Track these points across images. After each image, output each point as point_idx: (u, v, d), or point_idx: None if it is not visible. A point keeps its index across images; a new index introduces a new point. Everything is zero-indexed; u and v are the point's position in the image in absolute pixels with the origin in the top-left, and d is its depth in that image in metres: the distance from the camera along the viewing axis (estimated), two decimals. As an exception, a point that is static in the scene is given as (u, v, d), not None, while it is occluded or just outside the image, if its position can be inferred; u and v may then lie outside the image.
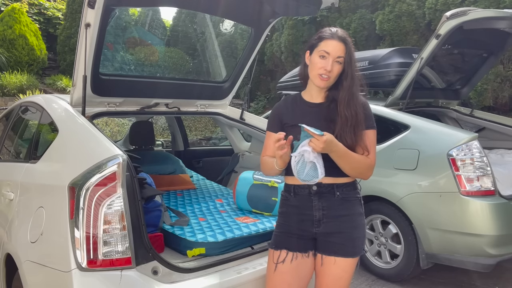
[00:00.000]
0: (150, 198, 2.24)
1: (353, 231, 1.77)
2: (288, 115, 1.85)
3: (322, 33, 1.78)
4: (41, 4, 12.72)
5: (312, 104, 1.84)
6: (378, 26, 7.45)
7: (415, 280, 3.49)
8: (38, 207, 1.97)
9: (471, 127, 4.47)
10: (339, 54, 1.72)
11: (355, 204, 1.81)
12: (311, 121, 1.73)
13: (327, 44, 1.73)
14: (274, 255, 1.81)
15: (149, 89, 2.73)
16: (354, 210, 1.80)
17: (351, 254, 1.76)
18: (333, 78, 1.75)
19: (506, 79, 6.16)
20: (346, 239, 1.75)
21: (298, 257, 1.78)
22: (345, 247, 1.75)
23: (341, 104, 1.74)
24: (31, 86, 9.47)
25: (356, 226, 1.79)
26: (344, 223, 1.76)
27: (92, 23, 2.06)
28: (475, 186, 2.99)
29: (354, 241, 1.77)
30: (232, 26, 3.29)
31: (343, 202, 1.76)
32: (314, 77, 1.76)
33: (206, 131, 10.19)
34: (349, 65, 1.75)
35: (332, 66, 1.72)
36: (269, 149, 1.87)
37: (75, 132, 2.14)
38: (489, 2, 5.75)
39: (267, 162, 1.84)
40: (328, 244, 1.77)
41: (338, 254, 1.75)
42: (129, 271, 1.70)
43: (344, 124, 1.72)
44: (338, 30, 1.77)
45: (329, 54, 1.72)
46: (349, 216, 1.78)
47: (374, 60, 4.28)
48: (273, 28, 8.27)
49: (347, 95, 1.74)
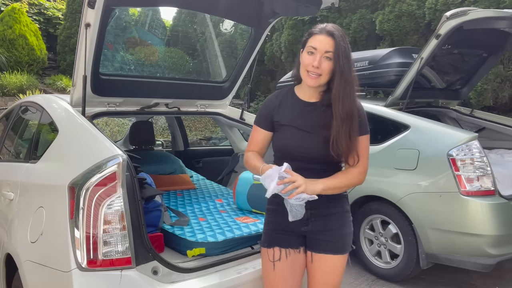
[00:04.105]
0: (150, 198, 2.24)
1: (341, 228, 1.78)
2: (280, 113, 1.78)
3: (312, 29, 1.71)
4: (41, 4, 12.72)
5: (307, 104, 1.76)
6: (378, 26, 7.45)
7: (415, 280, 3.49)
8: (38, 207, 1.97)
9: (471, 127, 4.47)
10: (327, 48, 1.62)
11: (342, 202, 1.81)
12: (305, 124, 1.70)
13: (315, 39, 1.65)
14: (269, 253, 1.81)
15: (149, 89, 2.73)
16: (341, 208, 1.80)
17: (340, 251, 1.77)
18: (324, 76, 1.65)
19: (506, 79, 6.16)
20: (335, 236, 1.77)
21: (291, 253, 1.79)
22: (334, 244, 1.76)
23: (335, 104, 1.65)
24: (31, 86, 9.47)
25: (344, 223, 1.79)
26: (331, 221, 1.76)
27: (92, 23, 2.06)
28: (475, 186, 2.99)
29: (342, 238, 1.78)
30: (232, 26, 3.29)
31: (330, 201, 1.75)
32: (303, 75, 1.69)
33: (206, 131, 10.19)
34: (337, 61, 1.62)
35: (320, 62, 1.62)
36: (255, 144, 1.83)
37: (75, 132, 2.14)
38: (489, 2, 5.75)
39: (252, 160, 1.77)
40: (317, 242, 1.78)
41: (327, 251, 1.76)
42: (129, 271, 1.70)
43: (340, 127, 1.64)
44: (328, 25, 1.68)
45: (317, 50, 1.63)
46: (337, 214, 1.78)
47: (374, 60, 4.28)
48: (273, 28, 8.27)
49: (339, 94, 1.64)
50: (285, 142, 1.75)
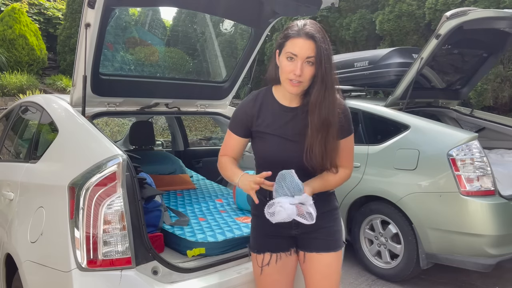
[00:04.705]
0: (150, 198, 2.24)
1: (332, 225, 1.77)
2: (260, 120, 1.68)
3: (288, 30, 1.56)
4: (41, 4, 12.72)
5: (289, 109, 1.67)
6: (378, 26, 7.45)
7: (415, 280, 3.49)
8: (38, 207, 1.97)
9: (471, 127, 4.47)
10: (308, 54, 1.50)
11: (330, 200, 1.79)
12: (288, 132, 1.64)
13: (293, 44, 1.51)
14: (258, 259, 1.77)
15: (149, 89, 2.73)
16: (330, 206, 1.78)
17: (333, 247, 1.75)
18: (307, 82, 1.55)
19: (506, 79, 6.16)
20: (326, 234, 1.75)
21: (282, 256, 1.77)
22: (326, 241, 1.74)
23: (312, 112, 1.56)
24: (31, 86, 9.48)
25: (334, 220, 1.78)
26: (322, 219, 1.69)
27: (92, 23, 2.06)
28: (475, 186, 2.99)
29: (334, 235, 1.77)
30: (232, 26, 3.29)
31: (319, 201, 1.65)
32: (285, 82, 1.57)
33: (206, 131, 10.19)
34: (319, 66, 1.51)
35: (302, 69, 1.51)
36: (230, 150, 1.77)
37: (75, 132, 2.14)
38: (489, 2, 5.75)
39: (226, 166, 1.72)
40: (309, 241, 1.75)
41: (319, 250, 1.74)
42: (129, 271, 1.70)
43: (315, 137, 1.56)
44: (306, 25, 1.53)
45: (297, 56, 1.51)
46: (326, 212, 1.75)
47: (374, 60, 4.28)
48: (273, 28, 8.26)
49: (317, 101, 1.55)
50: (268, 151, 1.69)
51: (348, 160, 1.71)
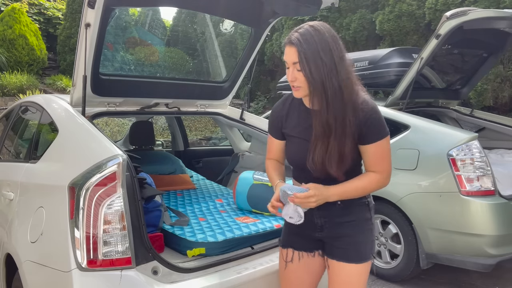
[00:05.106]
0: (150, 198, 2.24)
1: (357, 235, 1.67)
2: (287, 123, 1.71)
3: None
4: (41, 4, 12.72)
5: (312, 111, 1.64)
6: (378, 26, 7.45)
7: (415, 280, 3.49)
8: (38, 207, 1.97)
9: (471, 127, 4.47)
10: (293, 60, 1.51)
11: (360, 209, 1.69)
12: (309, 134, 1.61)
13: (285, 52, 1.55)
14: (282, 253, 1.83)
15: (149, 89, 2.73)
16: (358, 216, 1.68)
17: (354, 259, 1.66)
18: (305, 86, 1.53)
19: (506, 79, 6.16)
20: (349, 243, 1.67)
21: (304, 256, 1.78)
22: (347, 251, 1.67)
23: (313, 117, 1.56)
24: (31, 86, 9.48)
25: (361, 231, 1.68)
26: (347, 228, 1.66)
27: (92, 23, 2.06)
28: (475, 186, 2.99)
29: (357, 246, 1.67)
30: (232, 26, 3.29)
31: (345, 209, 1.65)
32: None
33: (206, 131, 10.19)
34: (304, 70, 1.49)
35: (293, 75, 1.53)
36: (272, 152, 1.84)
37: (75, 132, 2.14)
38: (489, 2, 5.75)
39: (268, 171, 1.80)
40: (332, 248, 1.72)
41: (340, 259, 1.67)
42: (129, 271, 1.70)
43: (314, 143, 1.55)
44: (295, 32, 1.53)
45: (287, 63, 1.55)
46: (352, 221, 1.67)
47: (374, 60, 4.28)
48: (273, 28, 8.27)
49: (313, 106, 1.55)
50: (293, 154, 1.71)
51: (378, 165, 1.60)
